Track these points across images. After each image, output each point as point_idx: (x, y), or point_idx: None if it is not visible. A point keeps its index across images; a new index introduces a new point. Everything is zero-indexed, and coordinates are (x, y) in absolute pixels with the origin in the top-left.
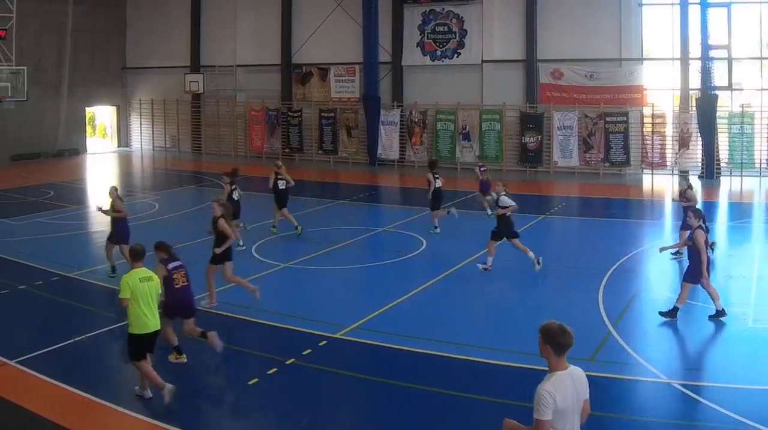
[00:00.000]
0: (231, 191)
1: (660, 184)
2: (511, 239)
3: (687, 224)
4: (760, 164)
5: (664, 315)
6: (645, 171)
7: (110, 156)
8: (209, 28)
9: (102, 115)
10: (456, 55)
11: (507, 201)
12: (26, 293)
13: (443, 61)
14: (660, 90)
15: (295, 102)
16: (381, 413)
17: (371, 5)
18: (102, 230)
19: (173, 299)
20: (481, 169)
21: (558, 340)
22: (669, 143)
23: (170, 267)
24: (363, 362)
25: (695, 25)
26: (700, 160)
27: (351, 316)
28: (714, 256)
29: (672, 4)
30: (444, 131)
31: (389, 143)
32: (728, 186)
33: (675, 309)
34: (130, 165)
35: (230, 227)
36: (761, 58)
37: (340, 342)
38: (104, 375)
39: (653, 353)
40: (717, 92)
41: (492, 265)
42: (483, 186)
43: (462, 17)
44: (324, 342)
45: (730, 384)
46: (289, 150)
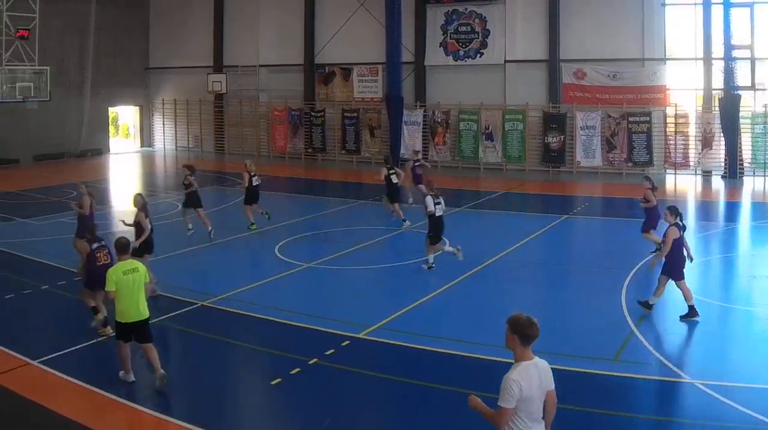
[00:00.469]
0: (191, 183)
1: (683, 184)
2: (435, 243)
3: (647, 225)
4: None
5: (685, 318)
6: (668, 171)
7: (133, 156)
8: (232, 28)
9: (125, 115)
10: (479, 55)
11: (429, 204)
12: (49, 293)
13: (466, 61)
14: (683, 90)
15: (318, 102)
16: (403, 413)
17: (394, 5)
18: (125, 230)
19: (94, 273)
20: (416, 163)
21: (525, 331)
22: (692, 143)
23: (94, 247)
24: (386, 362)
25: (718, 25)
26: (723, 160)
27: (374, 316)
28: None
29: (695, 4)
30: (467, 131)
31: (412, 143)
32: (751, 186)
33: (691, 308)
34: (153, 165)
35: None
36: None
37: (363, 342)
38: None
39: (676, 353)
40: (740, 92)
41: (434, 263)
42: (416, 178)
43: (485, 17)
44: (347, 342)
45: (753, 384)
46: (312, 150)
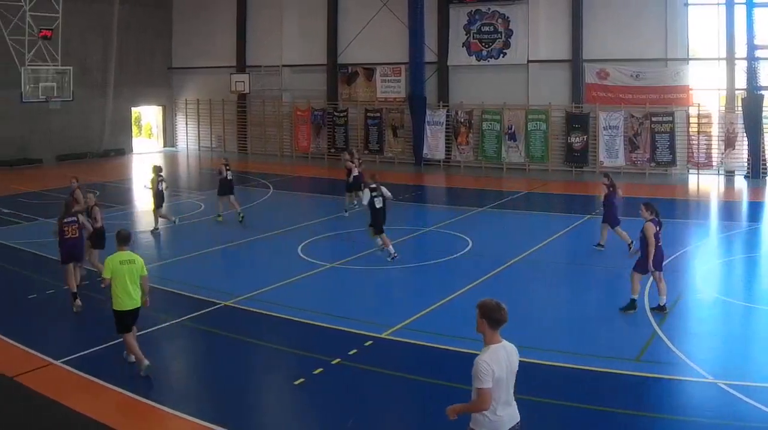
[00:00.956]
0: (159, 183)
1: (706, 184)
2: (378, 234)
3: (607, 217)
4: None
5: (624, 310)
6: (691, 171)
7: (156, 156)
8: (255, 28)
9: (148, 115)
10: (502, 55)
11: (365, 197)
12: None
13: (489, 61)
14: (706, 90)
15: (341, 102)
16: (427, 413)
17: (417, 5)
18: (147, 231)
19: (65, 246)
20: (347, 159)
21: (494, 315)
22: (715, 143)
23: (65, 221)
24: (409, 362)
25: (741, 24)
26: (746, 160)
27: (397, 316)
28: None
29: (718, 4)
30: (490, 131)
31: (435, 143)
32: None
33: (632, 301)
34: (176, 165)
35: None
36: None
37: (386, 342)
38: (149, 375)
39: (699, 353)
40: (763, 92)
41: (395, 252)
42: (356, 178)
43: (508, 17)
44: (370, 342)
45: None
46: (335, 150)
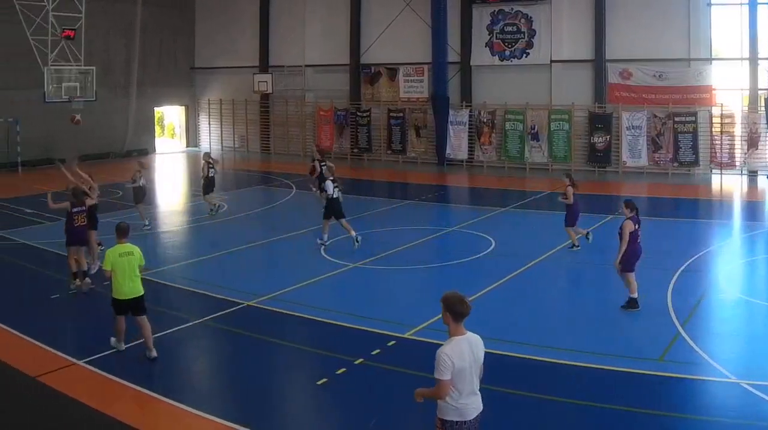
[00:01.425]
0: (139, 178)
1: (729, 184)
2: (339, 220)
3: (569, 220)
4: None
5: (626, 308)
6: (714, 171)
7: (179, 156)
8: (278, 28)
9: (171, 115)
10: (525, 55)
11: (329, 188)
12: (95, 293)
13: (512, 61)
14: (729, 90)
15: (364, 102)
16: None
17: (440, 5)
18: (170, 231)
19: (74, 233)
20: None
21: (456, 308)
22: (738, 143)
23: (74, 210)
24: (432, 362)
25: (764, 24)
26: None
27: (420, 316)
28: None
29: (741, 3)
30: (513, 131)
31: (458, 143)
32: None
33: (632, 300)
34: (199, 165)
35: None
36: None
37: (410, 342)
38: (172, 375)
39: (722, 353)
40: None
41: (327, 241)
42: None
43: (531, 17)
44: (393, 342)
45: None
46: (358, 150)
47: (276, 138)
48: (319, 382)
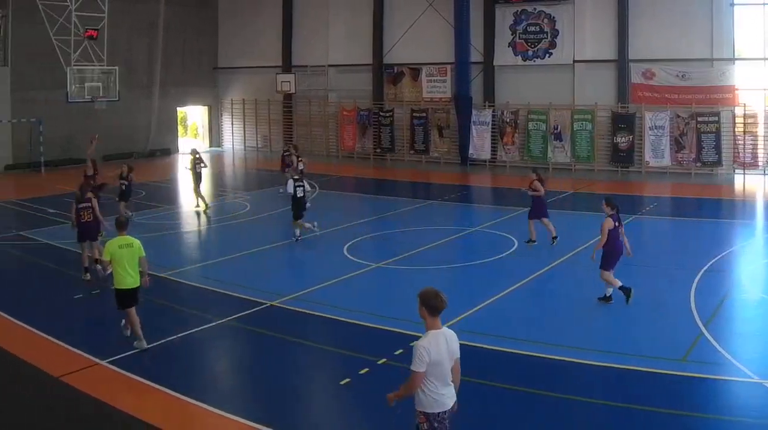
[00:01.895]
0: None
1: (752, 184)
2: (296, 220)
3: (533, 213)
4: None
5: (602, 300)
6: (737, 171)
7: (202, 156)
8: (301, 28)
9: (194, 115)
10: (548, 55)
11: (289, 187)
12: None
13: (535, 61)
14: (752, 90)
15: (387, 102)
16: (472, 413)
17: (463, 5)
18: (193, 231)
19: (80, 228)
20: (285, 152)
21: (431, 303)
22: (761, 143)
23: (79, 206)
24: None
25: None
26: None
27: (443, 316)
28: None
29: (764, 3)
30: (535, 131)
31: (481, 143)
32: None
33: (627, 291)
34: (222, 165)
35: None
36: None
37: None
38: (195, 375)
39: (745, 353)
40: None
41: (300, 236)
42: (284, 166)
43: (554, 17)
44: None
45: None
46: (381, 150)
47: (299, 138)
48: (342, 382)
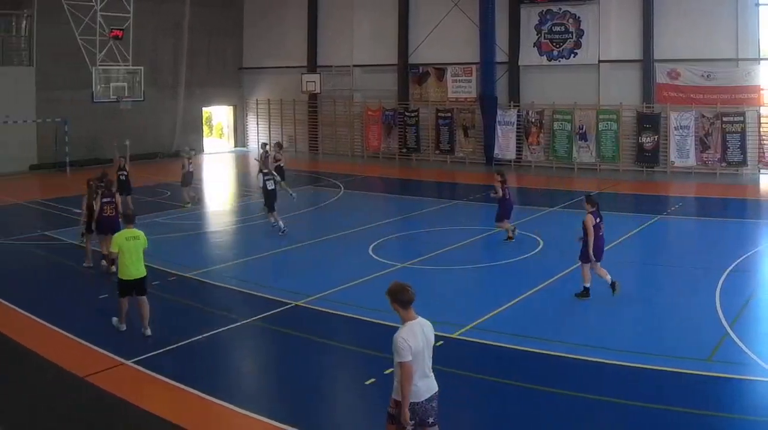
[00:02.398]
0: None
1: None
2: (270, 211)
3: (499, 215)
4: None
5: (579, 296)
6: (762, 171)
7: (227, 156)
8: (326, 28)
9: (219, 115)
10: (573, 55)
11: (260, 181)
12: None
13: (560, 61)
14: None
15: (412, 102)
16: (498, 414)
17: (488, 5)
18: (218, 231)
19: (103, 221)
20: (264, 146)
21: (400, 297)
22: None
23: (104, 200)
24: (480, 362)
25: None
26: None
27: (468, 316)
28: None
29: None
30: (561, 131)
31: (506, 143)
32: None
33: (585, 289)
34: (247, 165)
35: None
36: None
37: (457, 342)
38: (220, 375)
39: None
40: None
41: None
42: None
43: (579, 17)
44: (440, 342)
45: None
46: (406, 150)
47: (324, 138)
48: (368, 382)
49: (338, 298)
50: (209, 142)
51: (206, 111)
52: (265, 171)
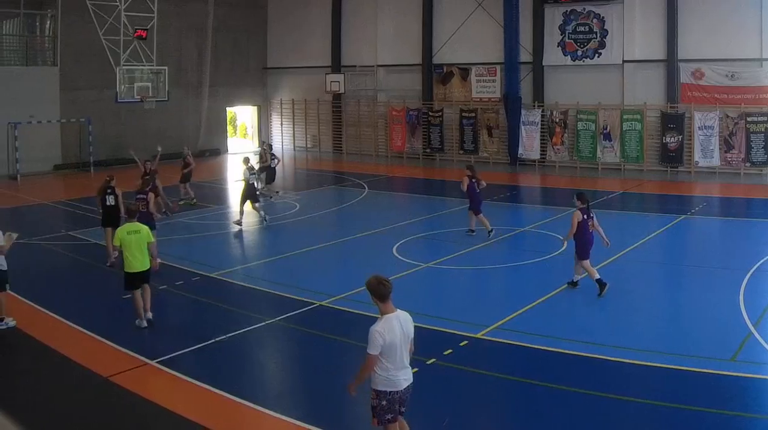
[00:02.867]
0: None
1: None
2: (253, 203)
3: (472, 206)
4: None
5: (599, 293)
6: None
7: (250, 157)
8: (350, 28)
9: (243, 115)
10: (597, 55)
11: (245, 175)
12: (167, 293)
13: (584, 61)
14: None
15: (436, 102)
16: (522, 414)
17: (512, 5)
18: (243, 231)
19: (137, 218)
20: (262, 144)
21: (377, 291)
22: None
23: (137, 197)
24: (504, 362)
25: None
26: None
27: (492, 316)
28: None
29: None
30: (585, 131)
31: (530, 143)
32: None
33: (599, 281)
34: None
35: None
36: None
37: (481, 342)
38: (245, 375)
39: None
40: None
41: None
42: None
43: (603, 17)
44: (465, 342)
45: None
46: (430, 150)
47: (348, 138)
48: None
49: (362, 298)
50: (233, 142)
51: (230, 111)
52: (251, 166)
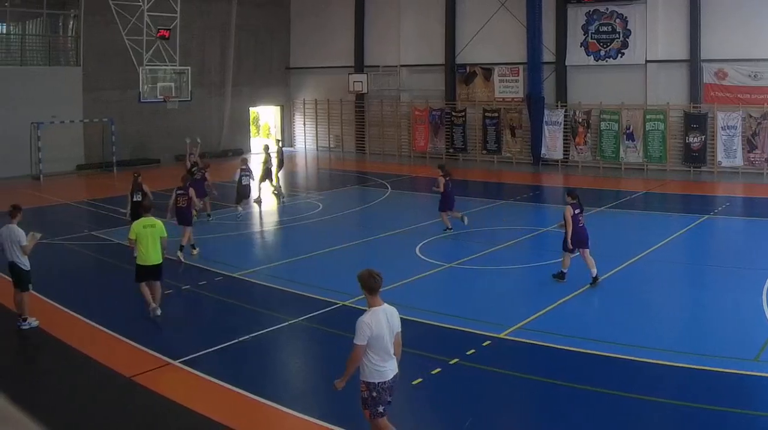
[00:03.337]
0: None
1: None
2: (237, 203)
3: (444, 204)
4: None
5: (556, 278)
6: None
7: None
8: (373, 28)
9: (266, 115)
10: (620, 55)
11: (235, 176)
12: (190, 294)
13: (607, 61)
14: None
15: (459, 102)
16: (545, 414)
17: (535, 5)
18: (266, 231)
19: (175, 212)
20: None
21: (368, 284)
22: None
23: (177, 193)
24: (527, 362)
25: None
26: None
27: (515, 316)
28: None
29: None
30: (608, 131)
31: (553, 143)
32: None
33: (561, 273)
34: (294, 165)
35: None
36: None
37: (504, 342)
38: (268, 375)
39: None
40: None
41: (243, 212)
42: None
43: (626, 17)
44: (488, 342)
45: None
46: (453, 150)
47: (371, 138)
48: (414, 382)
49: (385, 298)
50: (256, 141)
51: (253, 111)
52: (244, 167)
